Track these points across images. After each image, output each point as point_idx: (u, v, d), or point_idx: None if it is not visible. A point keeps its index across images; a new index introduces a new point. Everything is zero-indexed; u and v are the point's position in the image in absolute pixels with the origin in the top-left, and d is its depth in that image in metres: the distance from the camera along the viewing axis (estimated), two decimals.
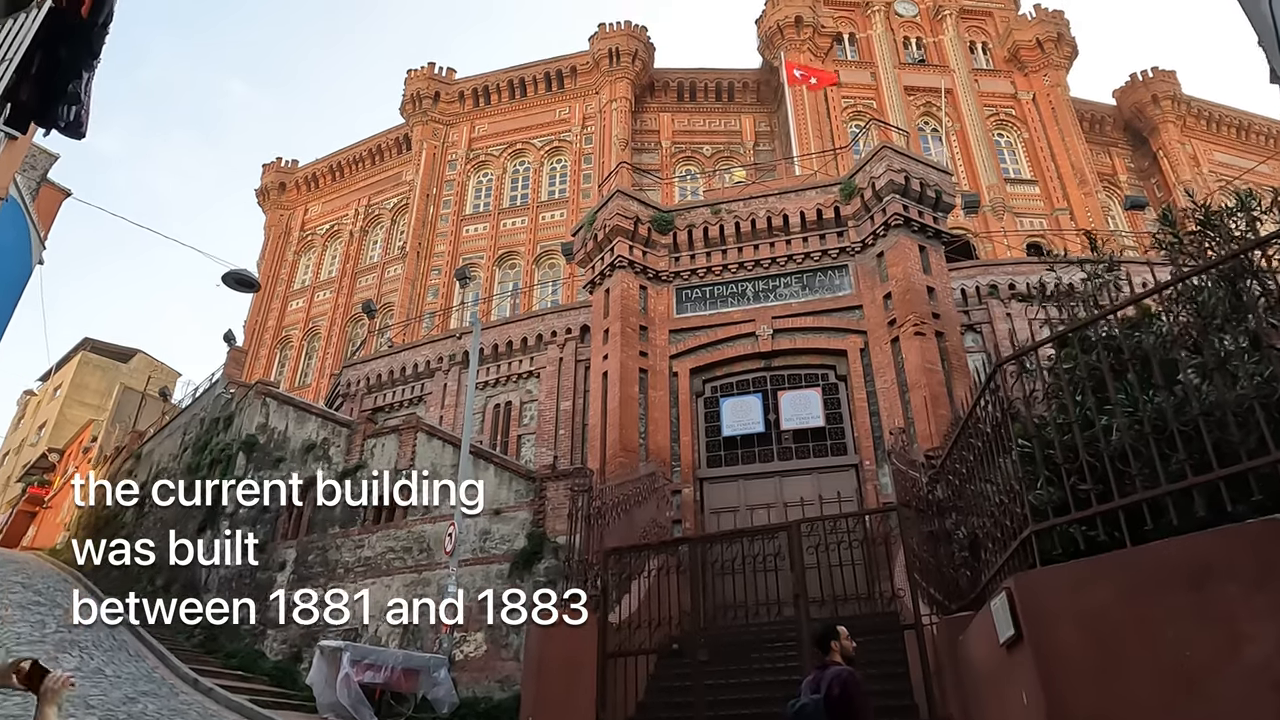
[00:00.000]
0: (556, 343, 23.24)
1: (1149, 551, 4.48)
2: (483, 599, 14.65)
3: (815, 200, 19.37)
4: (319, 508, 18.11)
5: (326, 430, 19.32)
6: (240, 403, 21.86)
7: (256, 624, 17.30)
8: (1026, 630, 4.92)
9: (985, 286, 21.63)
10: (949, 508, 7.78)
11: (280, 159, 48.06)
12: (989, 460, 6.49)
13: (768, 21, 38.42)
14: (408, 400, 25.31)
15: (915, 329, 16.76)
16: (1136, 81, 42.17)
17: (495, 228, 37.83)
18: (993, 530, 6.35)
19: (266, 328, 42.09)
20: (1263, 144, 42.36)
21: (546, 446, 21.59)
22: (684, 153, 39.65)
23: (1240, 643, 3.80)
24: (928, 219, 18.51)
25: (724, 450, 18.14)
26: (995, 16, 41.09)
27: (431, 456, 17.32)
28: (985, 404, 6.42)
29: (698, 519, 17.02)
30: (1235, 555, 4.07)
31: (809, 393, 17.89)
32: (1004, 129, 37.94)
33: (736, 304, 19.36)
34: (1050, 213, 34.72)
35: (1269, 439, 4.28)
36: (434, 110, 41.20)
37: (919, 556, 8.75)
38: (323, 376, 37.60)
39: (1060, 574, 4.91)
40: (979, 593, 6.77)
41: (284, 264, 44.64)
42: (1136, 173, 41.21)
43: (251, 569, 18.18)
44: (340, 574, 16.87)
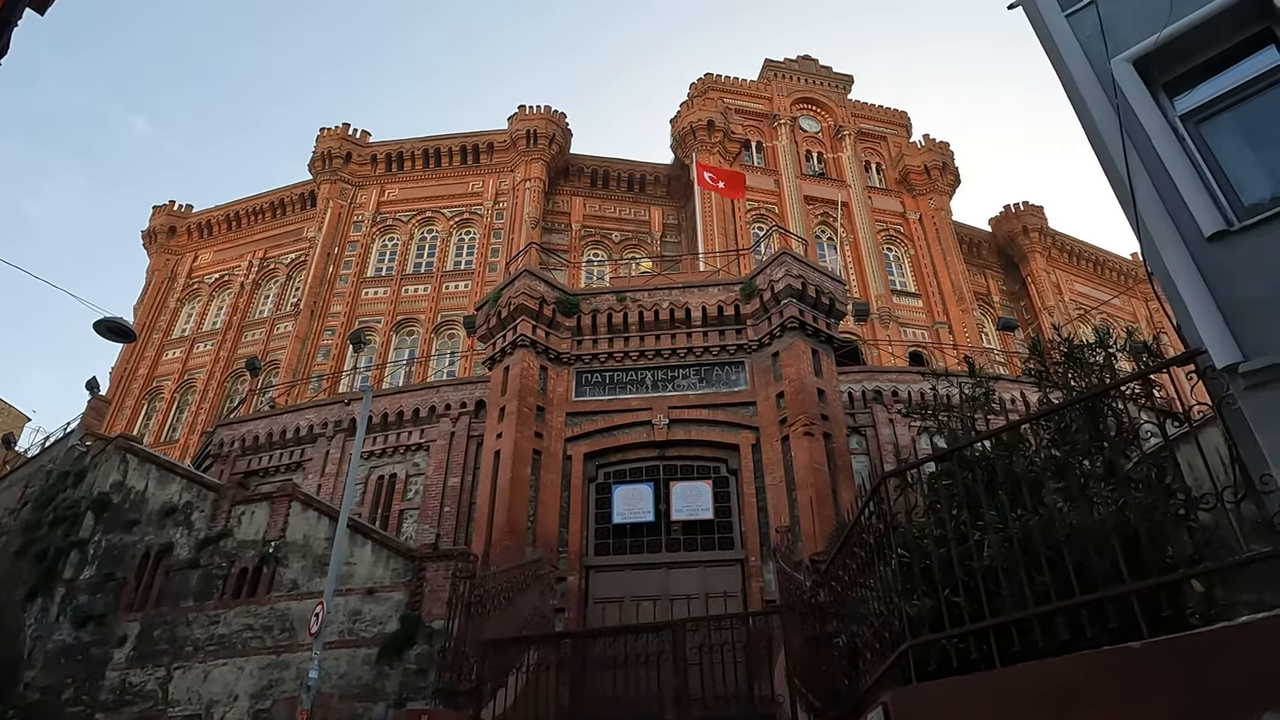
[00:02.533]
0: (450, 416, 22.69)
1: (1017, 674, 4.64)
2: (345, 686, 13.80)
3: (717, 297, 20.01)
4: (173, 578, 16.75)
5: (191, 493, 17.98)
6: (96, 457, 20.13)
7: (84, 706, 15.62)
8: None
9: (870, 391, 22.67)
10: (831, 613, 7.89)
11: (173, 202, 46.13)
12: (871, 568, 6.67)
13: (682, 122, 40.27)
14: (285, 466, 23.99)
15: (805, 429, 17.29)
16: (1010, 212, 46.19)
17: (396, 293, 37.15)
18: (872, 640, 6.47)
19: (136, 376, 39.42)
20: (1115, 279, 46.85)
21: (430, 524, 20.78)
22: (593, 237, 40.43)
23: None
24: (821, 324, 19.38)
25: (613, 538, 17.95)
26: (889, 141, 44.47)
27: (305, 528, 16.34)
28: (869, 514, 6.64)
29: (582, 608, 16.62)
30: (1097, 681, 4.26)
31: (700, 485, 18.05)
32: (893, 244, 40.57)
33: (635, 391, 19.54)
34: (931, 325, 37.03)
35: (1123, 568, 4.58)
36: (344, 170, 40.70)
37: (800, 661, 8.78)
38: (193, 433, 35.32)
39: (934, 691, 5.03)
40: (857, 702, 6.83)
41: (164, 311, 42.28)
42: (1008, 294, 44.67)
43: (86, 644, 16.47)
44: (189, 653, 15.47)
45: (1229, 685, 3.76)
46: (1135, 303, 45.01)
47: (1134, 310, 44.63)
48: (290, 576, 15.71)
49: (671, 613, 14.01)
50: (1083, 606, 4.68)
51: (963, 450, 6.05)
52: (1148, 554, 4.69)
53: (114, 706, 15.35)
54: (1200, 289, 4.87)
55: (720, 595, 15.85)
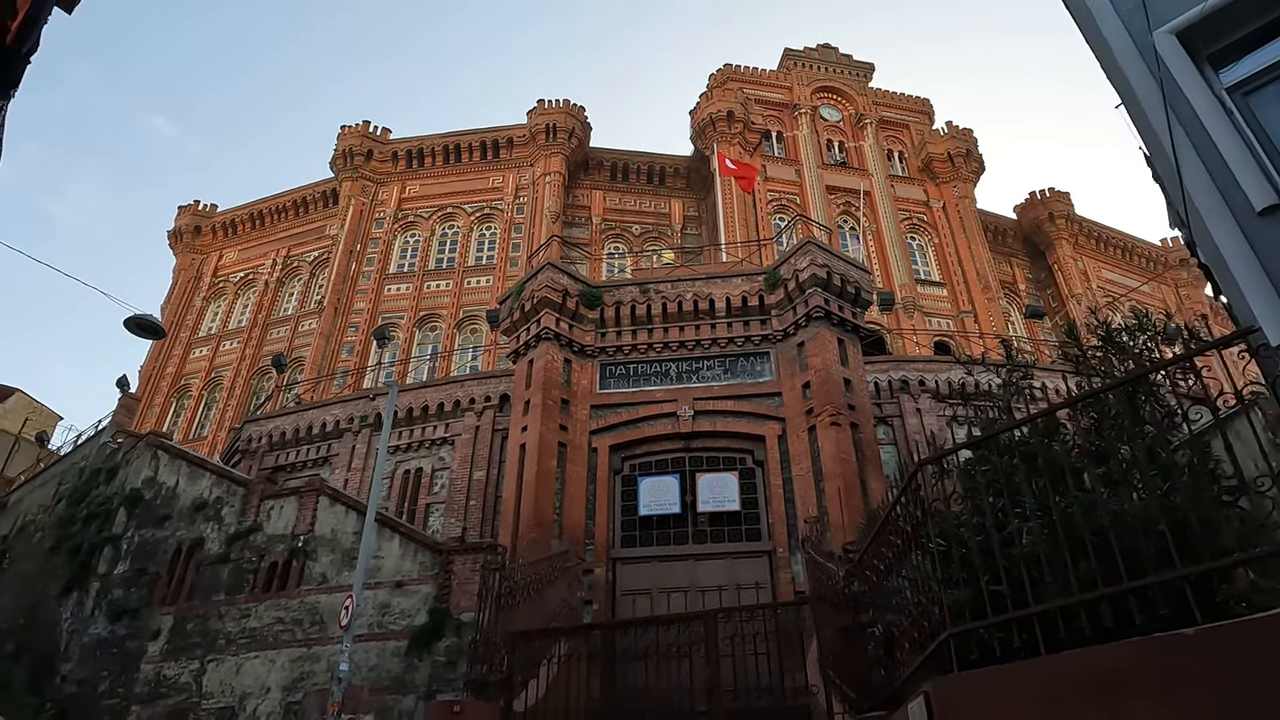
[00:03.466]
0: (474, 410, 22.76)
1: (1064, 661, 4.53)
2: (375, 678, 13.88)
3: (741, 287, 19.88)
4: (204, 572, 16.94)
5: (221, 489, 18.18)
6: (128, 454, 20.42)
7: (120, 699, 15.85)
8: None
9: (897, 381, 22.45)
10: (866, 603, 7.79)
11: (198, 202, 46.67)
12: (907, 558, 6.56)
13: (701, 114, 40.05)
14: (313, 461, 24.20)
15: (832, 419, 17.14)
16: (1035, 199, 45.52)
17: (418, 289, 37.33)
18: (909, 630, 6.36)
19: (165, 375, 39.98)
20: (1144, 265, 46.07)
21: (456, 517, 20.86)
22: (613, 230, 40.36)
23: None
24: (847, 313, 19.19)
25: (639, 530, 17.91)
26: (911, 129, 43.96)
27: (333, 522, 16.46)
28: (905, 502, 6.52)
29: (609, 600, 16.61)
30: (1146, 669, 4.15)
31: (726, 476, 17.95)
32: (916, 233, 40.15)
33: (659, 383, 19.46)
34: (956, 314, 36.63)
35: (1174, 554, 4.44)
36: (365, 167, 40.92)
37: (833, 652, 8.69)
38: (221, 430, 35.76)
39: (978, 679, 4.92)
40: (893, 692, 6.73)
41: (191, 310, 42.83)
42: (1034, 283, 44.06)
43: (120, 637, 16.73)
44: (221, 646, 15.64)
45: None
46: (1165, 289, 44.26)
47: (1164, 297, 43.85)
48: (319, 570, 15.83)
49: (703, 604, 13.95)
50: (1131, 593, 4.54)
51: (1000, 435, 5.92)
52: (1197, 539, 4.55)
53: (149, 699, 15.56)
54: (1252, 265, 4.72)
55: (748, 587, 15.74)
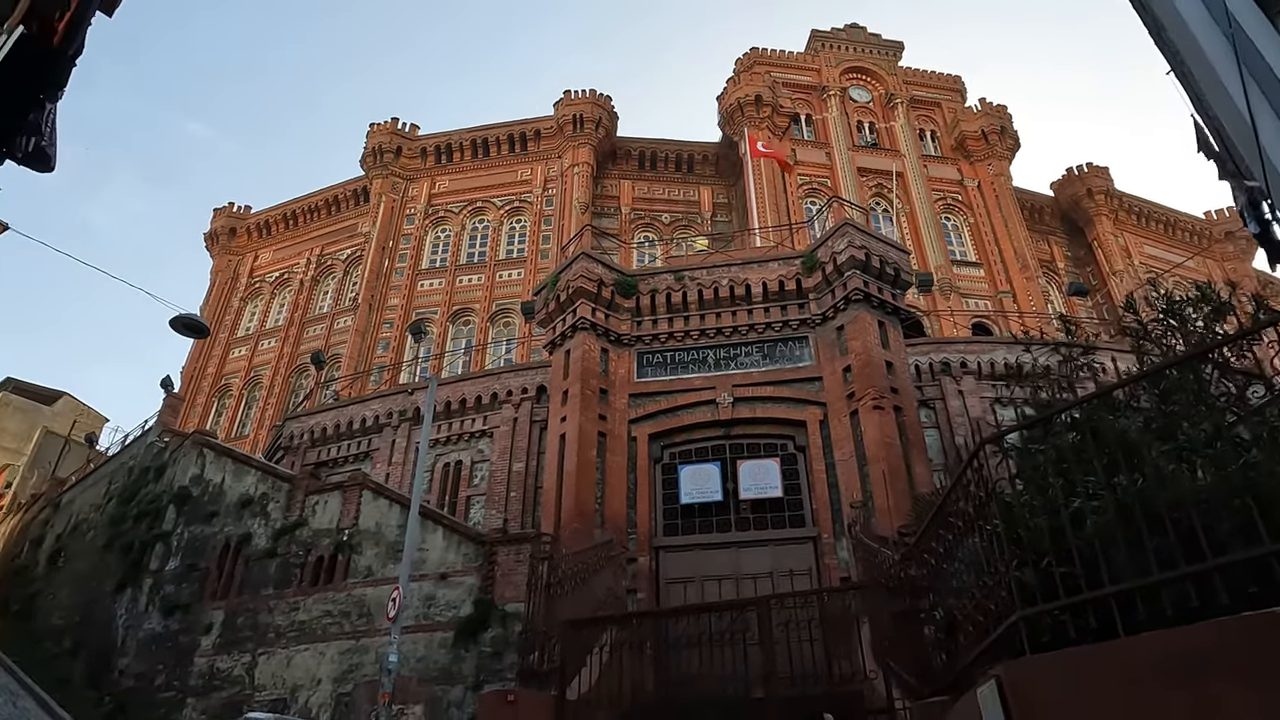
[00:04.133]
0: (512, 402, 22.81)
1: (1145, 643, 4.36)
2: (423, 669, 13.99)
3: (777, 272, 19.65)
4: (252, 567, 17.20)
5: (266, 485, 18.44)
6: (174, 452, 20.81)
7: (175, 692, 16.18)
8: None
9: (938, 363, 22.07)
10: (923, 587, 7.62)
11: (232, 204, 47.37)
12: (968, 540, 6.40)
13: (728, 99, 39.67)
14: (353, 456, 24.46)
15: (874, 403, 16.89)
16: (1072, 175, 44.49)
17: (451, 284, 37.53)
18: (972, 613, 6.20)
19: (205, 375, 40.70)
20: (1188, 240, 44.83)
21: (496, 509, 20.95)
22: (643, 219, 40.19)
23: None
24: (886, 295, 18.89)
25: (681, 519, 17.85)
26: (944, 107, 43.14)
27: (377, 516, 16.61)
28: (966, 483, 6.35)
29: (653, 589, 16.58)
30: (1232, 649, 3.98)
31: (768, 462, 17.79)
32: (951, 213, 39.44)
33: (697, 370, 19.34)
34: (994, 294, 35.94)
35: (1262, 529, 4.25)
36: (395, 164, 41.17)
37: (888, 637, 8.54)
38: (261, 428, 36.30)
39: (1054, 662, 4.76)
40: (955, 677, 6.58)
41: (229, 310, 43.52)
42: (1073, 261, 43.10)
43: (174, 632, 17.07)
44: (271, 639, 15.88)
45: None
46: (1210, 264, 43.02)
47: (1209, 272, 42.57)
48: (364, 563, 15.98)
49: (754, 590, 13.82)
50: (1216, 571, 4.35)
51: (1063, 412, 5.73)
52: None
53: (203, 691, 15.86)
54: None
55: (792, 573, 15.59)
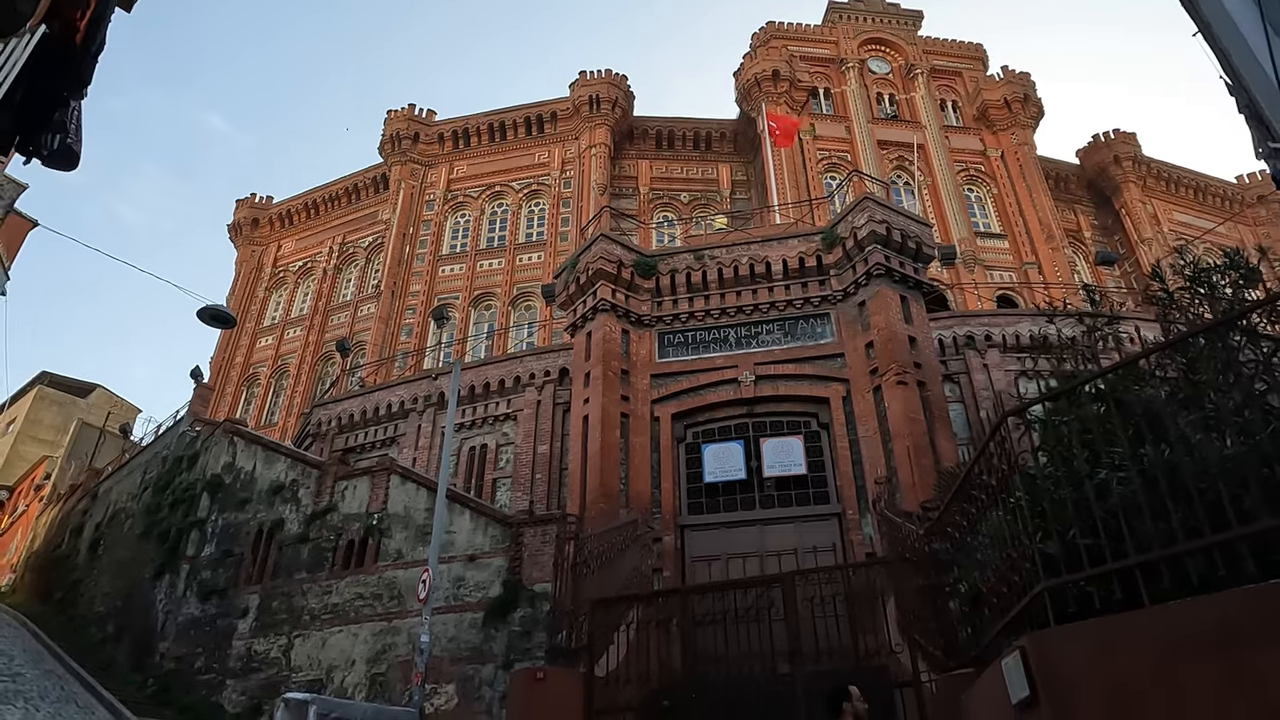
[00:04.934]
0: (535, 385, 22.96)
1: (1172, 612, 4.35)
2: (455, 649, 14.23)
3: (797, 248, 19.52)
4: (285, 552, 17.53)
5: (296, 471, 18.75)
6: (206, 441, 21.19)
7: (215, 674, 16.59)
8: (1043, 692, 4.74)
9: (962, 337, 21.85)
10: (948, 561, 7.62)
11: (254, 195, 47.78)
12: (991, 514, 6.38)
13: (745, 74, 39.25)
14: (380, 441, 24.78)
15: (898, 378, 16.80)
16: (1099, 142, 43.61)
17: (472, 269, 37.69)
18: (997, 586, 6.20)
19: (234, 365, 41.31)
20: (1219, 205, 43.87)
21: (522, 491, 21.17)
22: (662, 199, 40.04)
23: (1275, 712, 3.67)
24: (908, 269, 18.71)
25: (705, 497, 17.92)
26: (965, 76, 42.39)
27: (405, 500, 16.84)
28: (989, 456, 6.32)
29: (679, 567, 16.70)
30: (1262, 617, 3.95)
31: (791, 440, 17.78)
32: (974, 184, 38.87)
33: (719, 349, 19.32)
34: (1020, 266, 35.46)
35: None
36: (413, 151, 41.28)
37: (913, 612, 8.56)
38: (290, 415, 36.84)
39: (1079, 632, 4.75)
40: (981, 650, 6.59)
41: (254, 300, 44.05)
42: (1100, 230, 42.35)
43: (212, 616, 17.47)
44: (306, 622, 16.21)
45: None
46: (1242, 229, 42.05)
47: (1240, 237, 41.64)
48: (394, 546, 16.23)
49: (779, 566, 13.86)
50: (1242, 540, 4.32)
51: (1087, 383, 5.68)
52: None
53: (242, 673, 16.25)
54: None
55: (820, 550, 15.63)
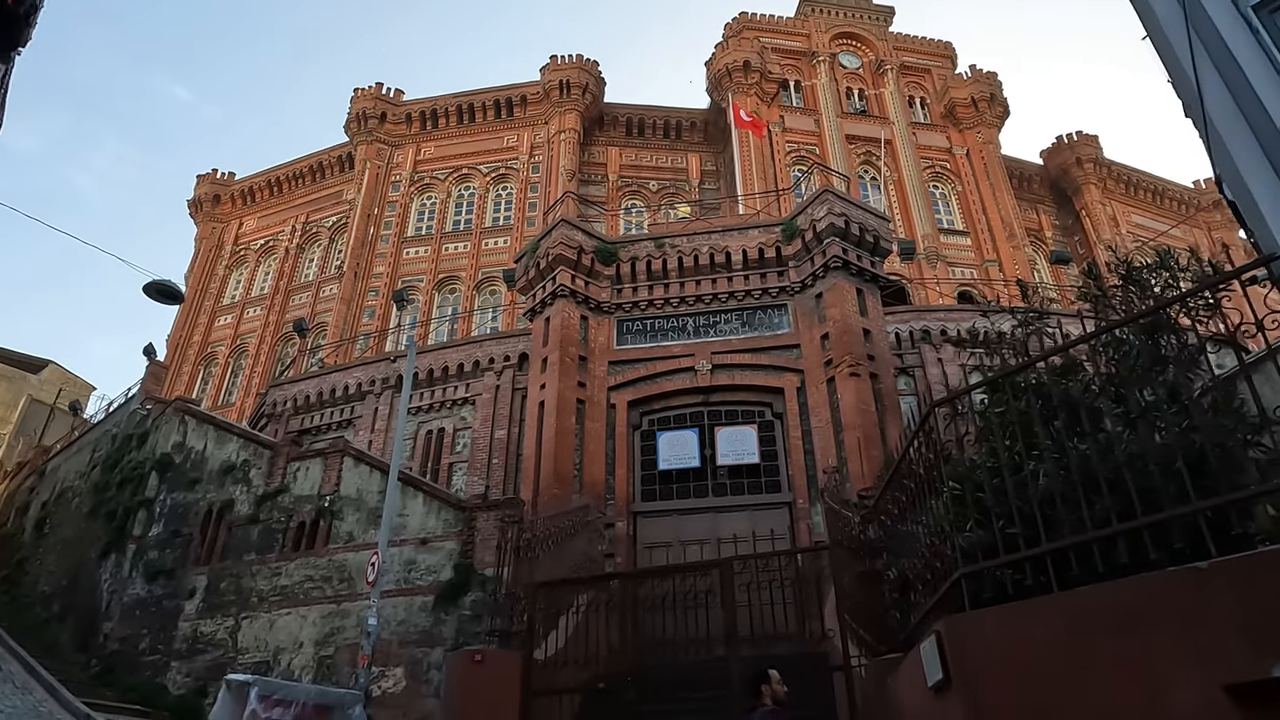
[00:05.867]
0: (494, 370, 22.87)
1: (1076, 597, 4.49)
2: (404, 632, 14.20)
3: (758, 239, 19.64)
4: (235, 533, 17.33)
5: (248, 452, 18.51)
6: (157, 420, 20.82)
7: (160, 655, 16.37)
8: (955, 674, 4.87)
9: (918, 331, 22.19)
10: (881, 548, 7.78)
11: (216, 170, 46.83)
12: (921, 501, 6.52)
13: (717, 64, 39.26)
14: (336, 423, 24.54)
15: (851, 370, 17.01)
16: (1062, 144, 44.36)
17: (437, 251, 37.36)
18: (923, 572, 6.34)
19: (191, 343, 40.55)
20: (1175, 209, 44.89)
21: (479, 476, 21.11)
22: (630, 187, 39.97)
23: (1166, 690, 3.81)
24: (865, 263, 18.91)
25: (659, 484, 18.01)
26: (933, 74, 42.81)
27: (358, 482, 16.72)
28: (918, 445, 6.45)
29: (630, 553, 16.79)
30: (1160, 603, 4.10)
31: (745, 429, 17.94)
32: (939, 181, 39.34)
33: (677, 338, 19.40)
34: (981, 263, 36.00)
35: (1190, 488, 4.36)
36: (380, 130, 40.73)
37: (851, 597, 8.72)
38: (248, 396, 36.30)
39: (989, 618, 4.89)
40: (908, 635, 6.74)
41: (214, 278, 43.24)
42: (1061, 229, 43.14)
43: (158, 596, 17.22)
44: (254, 603, 16.06)
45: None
46: (1197, 232, 43.10)
47: (1195, 240, 42.68)
48: (346, 529, 16.12)
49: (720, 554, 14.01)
50: (1146, 529, 4.47)
51: (1015, 376, 5.81)
52: (1217, 476, 4.46)
53: (187, 655, 16.05)
54: (1275, 188, 4.54)
55: (768, 538, 15.76)
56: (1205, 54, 5.20)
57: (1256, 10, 5.33)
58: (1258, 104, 4.78)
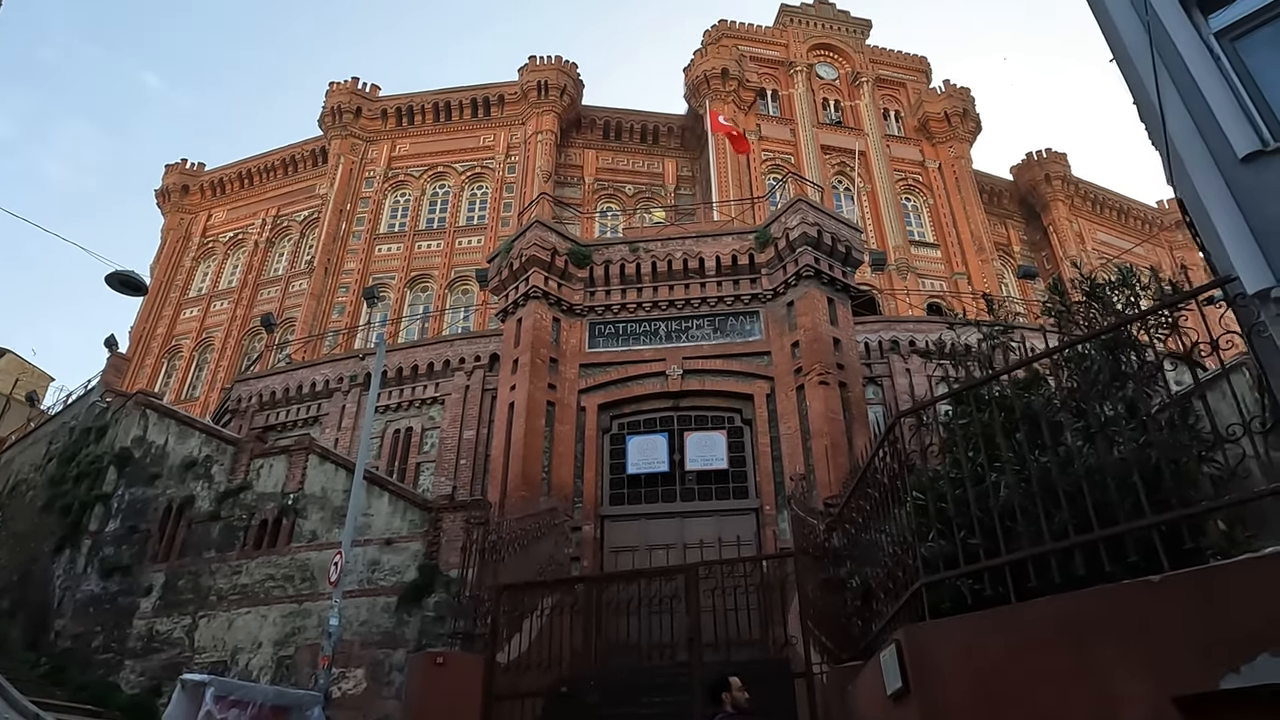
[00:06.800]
0: (464, 370, 22.71)
1: (1033, 608, 4.55)
2: (366, 633, 14.03)
3: (731, 246, 19.73)
4: (195, 529, 17.01)
5: (210, 447, 18.18)
6: (117, 413, 20.38)
7: (114, 653, 16.01)
8: (914, 683, 4.93)
9: (887, 341, 22.43)
10: (845, 556, 7.84)
11: (185, 160, 45.97)
12: (885, 511, 6.58)
13: (695, 71, 39.43)
14: (303, 420, 24.20)
15: (820, 378, 17.15)
16: (1032, 160, 45.15)
17: (409, 249, 37.05)
18: (885, 581, 6.41)
19: (155, 335, 39.78)
20: (1139, 228, 45.88)
21: (446, 476, 20.94)
22: (606, 190, 39.97)
23: (1118, 703, 3.88)
24: (837, 272, 19.10)
25: (627, 488, 18.00)
26: (908, 88, 43.36)
27: (323, 480, 16.50)
28: (883, 455, 6.52)
29: (597, 557, 16.75)
30: (1113, 615, 4.17)
31: (714, 435, 18.00)
32: (911, 193, 39.83)
33: (649, 342, 19.41)
34: (950, 276, 36.49)
35: (1144, 503, 4.45)
36: (354, 125, 40.34)
37: (814, 604, 8.78)
38: (213, 390, 35.68)
39: (948, 627, 4.95)
40: (869, 642, 6.80)
41: (180, 270, 42.46)
42: (1029, 244, 43.89)
43: (113, 593, 16.85)
44: (213, 602, 15.77)
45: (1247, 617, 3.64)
46: (1160, 251, 44.10)
47: (1159, 259, 43.63)
48: (309, 528, 15.91)
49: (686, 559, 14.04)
50: (1101, 542, 4.55)
51: (979, 388, 5.88)
52: (1171, 491, 4.56)
53: (142, 654, 15.72)
54: (1232, 212, 4.65)
55: (735, 544, 15.85)
56: (1169, 79, 5.31)
57: (1218, 38, 5.47)
58: (1218, 130, 4.90)
